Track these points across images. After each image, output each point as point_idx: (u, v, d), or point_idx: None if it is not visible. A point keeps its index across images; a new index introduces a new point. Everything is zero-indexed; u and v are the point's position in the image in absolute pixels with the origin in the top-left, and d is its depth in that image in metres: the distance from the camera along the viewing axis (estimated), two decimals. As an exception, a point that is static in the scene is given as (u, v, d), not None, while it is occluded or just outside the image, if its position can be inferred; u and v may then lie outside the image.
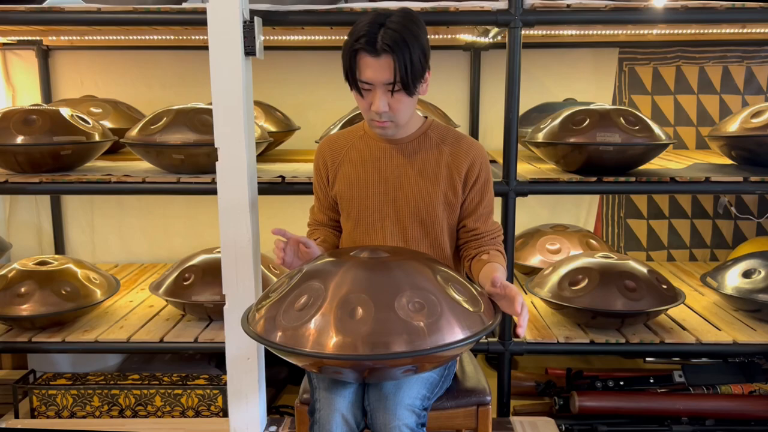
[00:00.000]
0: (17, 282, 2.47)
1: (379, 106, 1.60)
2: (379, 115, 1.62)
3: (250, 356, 2.17)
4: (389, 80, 1.57)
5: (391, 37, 1.54)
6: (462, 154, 1.73)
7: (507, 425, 2.40)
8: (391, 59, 1.55)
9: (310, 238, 1.84)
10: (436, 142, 1.74)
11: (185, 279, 2.53)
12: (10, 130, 2.36)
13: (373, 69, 1.56)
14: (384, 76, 1.57)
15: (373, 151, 1.75)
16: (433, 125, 1.77)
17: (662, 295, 2.40)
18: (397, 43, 1.54)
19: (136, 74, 3.34)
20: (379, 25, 1.55)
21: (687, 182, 2.36)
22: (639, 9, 2.23)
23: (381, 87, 1.58)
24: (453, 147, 1.74)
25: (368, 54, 1.56)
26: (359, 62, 1.58)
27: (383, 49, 1.54)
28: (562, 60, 3.30)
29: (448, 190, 1.73)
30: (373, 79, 1.57)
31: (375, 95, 1.60)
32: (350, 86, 1.64)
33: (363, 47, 1.55)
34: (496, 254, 1.72)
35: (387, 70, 1.56)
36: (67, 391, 2.48)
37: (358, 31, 1.57)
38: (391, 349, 1.32)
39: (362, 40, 1.55)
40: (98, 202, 3.39)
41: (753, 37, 3.10)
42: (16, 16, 2.26)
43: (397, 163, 1.74)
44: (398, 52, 1.54)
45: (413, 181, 1.73)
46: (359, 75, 1.59)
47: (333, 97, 3.21)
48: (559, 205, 3.39)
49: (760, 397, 2.55)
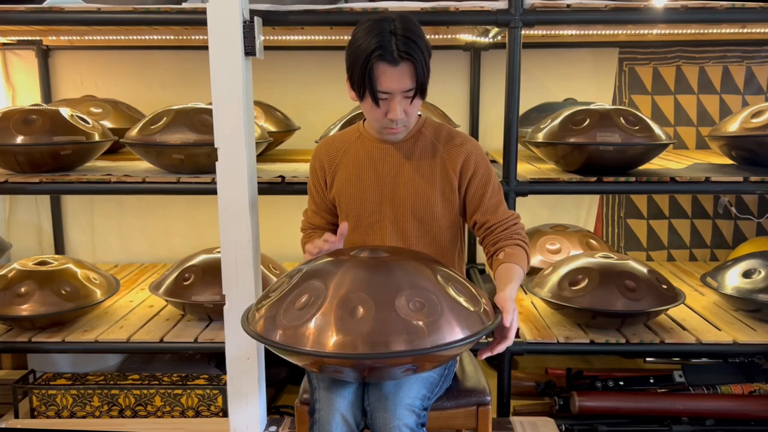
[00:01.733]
0: (17, 282, 2.47)
1: (397, 113, 1.60)
2: (394, 122, 1.63)
3: (250, 356, 2.17)
4: (409, 87, 1.57)
5: (405, 44, 1.54)
6: (455, 150, 1.73)
7: (507, 425, 2.40)
8: (410, 66, 1.55)
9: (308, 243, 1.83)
10: (431, 139, 1.75)
11: (185, 279, 2.53)
12: (10, 130, 2.36)
13: (392, 78, 1.56)
14: (404, 84, 1.57)
15: (369, 152, 1.75)
16: (427, 123, 1.77)
17: (662, 295, 2.39)
18: (413, 49, 1.54)
19: (136, 74, 3.34)
20: (391, 33, 1.54)
21: (687, 182, 2.36)
22: (639, 9, 2.23)
23: (399, 95, 1.59)
24: (446, 144, 1.74)
25: (387, 64, 1.55)
26: (377, 73, 1.56)
27: (402, 57, 1.54)
28: (562, 60, 3.30)
29: (445, 187, 1.73)
30: (394, 88, 1.57)
31: (393, 103, 1.60)
32: (362, 97, 1.62)
33: (381, 58, 1.54)
34: (511, 251, 1.64)
35: (407, 78, 1.56)
36: (67, 391, 2.48)
37: (370, 42, 1.55)
38: (391, 348, 1.32)
39: (378, 51, 1.54)
40: (98, 202, 3.39)
41: (753, 37, 3.10)
42: (16, 16, 2.26)
43: (393, 163, 1.74)
44: (416, 58, 1.55)
45: (410, 181, 1.73)
46: (378, 86, 1.57)
47: (333, 97, 3.21)
48: (559, 205, 3.39)
49: (760, 397, 2.55)
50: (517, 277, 1.59)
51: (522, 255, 1.65)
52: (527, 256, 1.67)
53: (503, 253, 1.65)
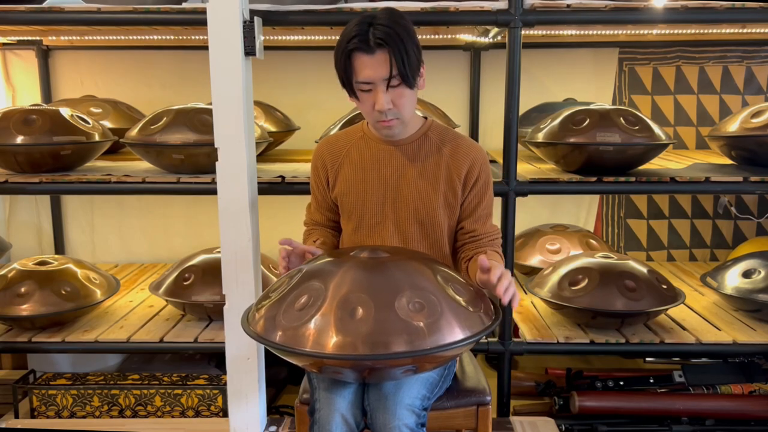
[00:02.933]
0: (17, 282, 2.47)
1: (383, 103, 1.59)
2: (384, 113, 1.61)
3: (250, 356, 2.17)
4: (387, 75, 1.56)
5: (382, 32, 1.54)
6: (461, 156, 1.72)
7: (507, 425, 2.40)
8: (386, 53, 1.55)
9: (309, 239, 1.84)
10: (436, 143, 1.74)
11: (185, 279, 2.53)
12: (10, 130, 2.36)
13: (369, 66, 1.56)
14: (382, 71, 1.56)
15: (373, 153, 1.75)
16: (433, 126, 1.77)
17: (662, 295, 2.39)
18: (390, 35, 1.54)
19: (136, 74, 3.34)
20: (368, 24, 1.56)
21: (687, 182, 2.36)
22: (639, 9, 2.23)
23: (381, 84, 1.58)
24: (452, 148, 1.73)
25: (363, 52, 1.55)
26: (354, 63, 1.57)
27: (377, 44, 1.54)
28: (562, 60, 3.30)
29: (447, 192, 1.72)
30: (372, 76, 1.57)
31: (376, 94, 1.59)
32: (349, 93, 1.64)
33: (356, 46, 1.55)
34: (493, 254, 1.70)
35: (384, 65, 1.56)
36: (67, 391, 2.48)
37: (348, 34, 1.57)
38: (391, 349, 1.32)
39: (354, 40, 1.55)
40: (98, 202, 3.39)
41: (753, 37, 3.10)
42: (16, 16, 2.26)
43: (397, 165, 1.73)
44: (392, 45, 1.54)
45: (413, 183, 1.72)
46: (356, 77, 1.58)
47: (333, 97, 3.17)
48: (559, 205, 3.39)
49: (760, 397, 2.55)
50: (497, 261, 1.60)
51: (502, 261, 1.70)
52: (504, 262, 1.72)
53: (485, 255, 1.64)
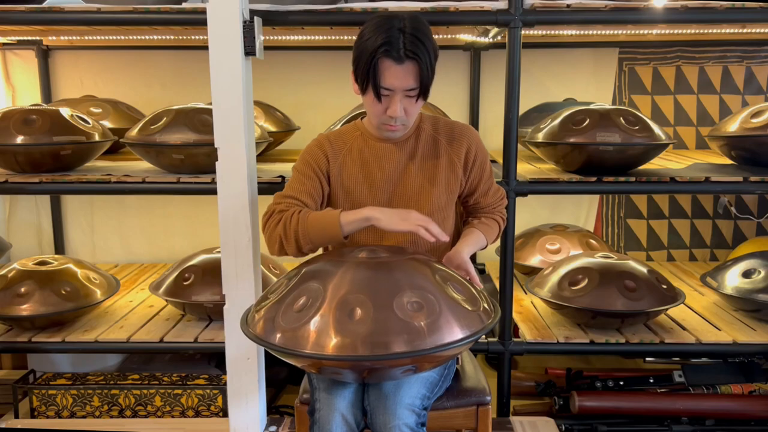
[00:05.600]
0: (17, 282, 2.47)
1: (397, 111, 1.61)
2: (393, 120, 1.63)
3: (250, 356, 2.17)
4: (411, 86, 1.58)
5: (413, 44, 1.54)
6: (457, 140, 1.76)
7: (507, 425, 2.40)
8: (415, 65, 1.56)
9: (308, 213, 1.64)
10: (431, 133, 1.76)
11: (185, 279, 2.53)
12: (10, 130, 2.36)
13: (395, 76, 1.56)
14: (407, 83, 1.57)
15: (373, 151, 1.75)
16: (423, 117, 1.79)
17: (662, 295, 2.39)
18: (420, 49, 1.55)
19: (136, 74, 3.34)
20: (399, 31, 1.54)
21: (687, 182, 2.36)
22: (639, 9, 2.23)
23: (401, 93, 1.59)
24: (447, 135, 1.76)
25: (392, 61, 1.55)
26: (381, 68, 1.56)
27: (408, 56, 1.54)
28: (562, 60, 3.30)
29: (450, 178, 1.75)
30: (396, 85, 1.58)
31: (393, 101, 1.60)
32: (364, 90, 1.62)
33: (386, 54, 1.54)
34: (486, 221, 1.82)
35: (410, 77, 1.57)
36: (67, 391, 2.48)
37: (377, 38, 1.55)
38: (391, 349, 1.32)
39: (384, 47, 1.54)
40: (98, 202, 3.39)
41: (753, 37, 3.10)
42: (16, 16, 2.26)
43: (397, 161, 1.74)
44: (422, 58, 1.55)
45: (415, 178, 1.73)
46: (381, 81, 1.58)
47: (333, 97, 3.21)
48: (559, 205, 3.39)
49: (760, 397, 2.55)
50: (475, 241, 1.76)
51: (493, 227, 1.83)
52: (499, 229, 1.86)
53: (477, 221, 1.82)
